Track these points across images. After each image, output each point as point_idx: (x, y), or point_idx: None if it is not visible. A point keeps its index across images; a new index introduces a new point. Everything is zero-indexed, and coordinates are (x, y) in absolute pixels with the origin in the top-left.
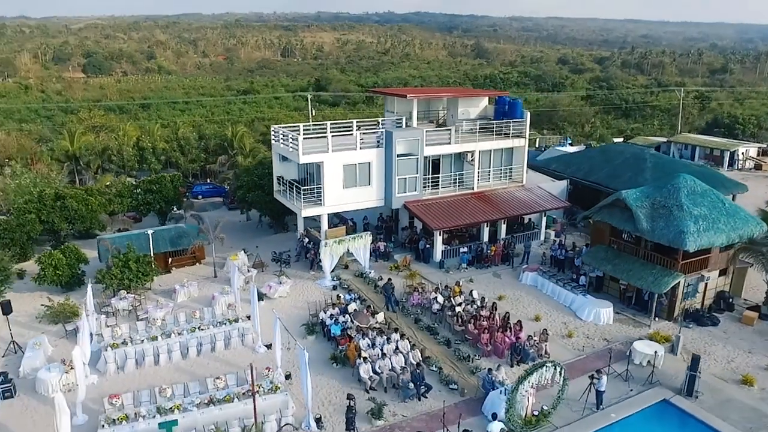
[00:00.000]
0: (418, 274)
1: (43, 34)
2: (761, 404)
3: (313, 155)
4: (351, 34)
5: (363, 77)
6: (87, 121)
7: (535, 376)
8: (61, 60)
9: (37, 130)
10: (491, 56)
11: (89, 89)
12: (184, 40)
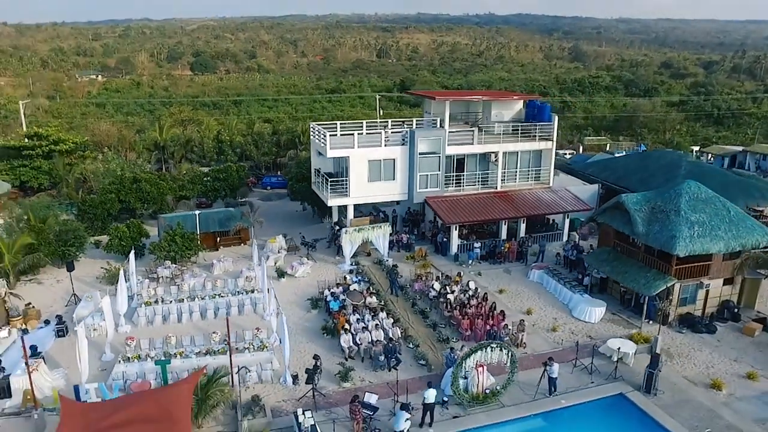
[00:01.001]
0: (432, 264)
1: (161, 34)
2: (720, 407)
3: (340, 150)
4: (447, 35)
5: (452, 79)
6: (176, 115)
7: (479, 354)
8: (173, 59)
9: (139, 122)
10: (588, 59)
11: (192, 86)
12: (286, 40)
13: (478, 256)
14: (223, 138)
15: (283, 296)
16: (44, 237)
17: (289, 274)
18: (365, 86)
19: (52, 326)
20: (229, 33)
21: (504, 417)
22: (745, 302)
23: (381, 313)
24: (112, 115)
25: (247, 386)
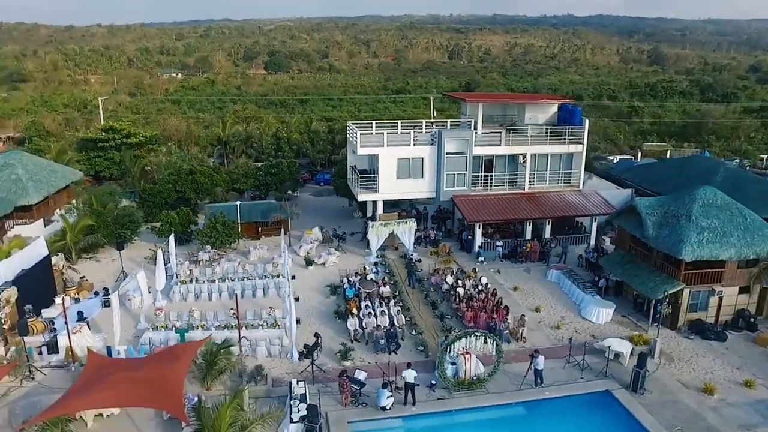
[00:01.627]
0: (453, 260)
1: (239, 34)
2: (706, 411)
3: (370, 148)
4: (522, 37)
5: (522, 81)
6: (239, 113)
7: (463, 341)
8: (249, 58)
9: (208, 119)
10: (667, 62)
11: (264, 84)
12: (359, 41)
13: (500, 254)
14: (281, 135)
15: (308, 283)
16: (103, 220)
17: (316, 263)
18: (432, 87)
19: (100, 298)
20: (305, 33)
21: (486, 402)
22: (766, 312)
23: (392, 302)
24: (185, 111)
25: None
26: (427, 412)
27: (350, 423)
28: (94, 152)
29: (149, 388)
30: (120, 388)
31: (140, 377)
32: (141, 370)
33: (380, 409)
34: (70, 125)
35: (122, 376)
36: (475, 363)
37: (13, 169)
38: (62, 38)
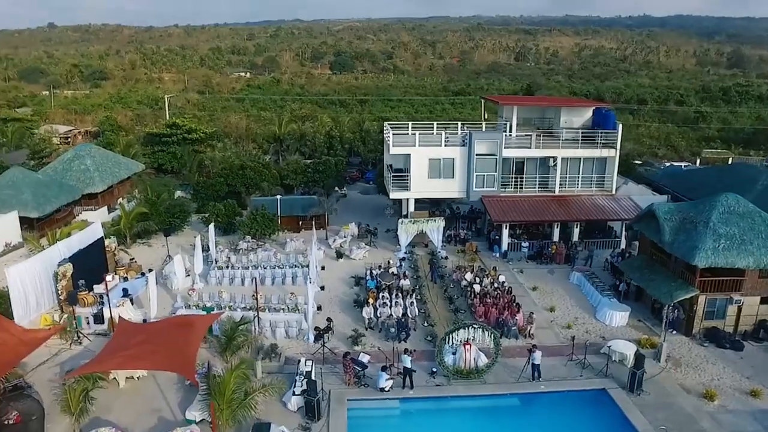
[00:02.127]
0: (479, 259)
1: (308, 35)
2: (702, 415)
3: (402, 148)
4: (593, 39)
5: (588, 85)
6: (296, 111)
7: (462, 332)
8: (316, 58)
9: (268, 117)
10: (749, 65)
11: (327, 84)
12: (426, 42)
13: (526, 255)
14: (333, 134)
15: (336, 274)
16: (156, 209)
17: (347, 256)
18: (493, 90)
19: (145, 278)
20: (372, 34)
21: (481, 391)
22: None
23: (410, 295)
24: (248, 109)
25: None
26: (423, 396)
27: (350, 401)
28: (158, 146)
29: (167, 353)
30: (141, 353)
31: (160, 343)
32: (161, 337)
33: (379, 391)
34: (141, 121)
35: (144, 342)
36: (476, 354)
37: (82, 161)
38: (142, 38)
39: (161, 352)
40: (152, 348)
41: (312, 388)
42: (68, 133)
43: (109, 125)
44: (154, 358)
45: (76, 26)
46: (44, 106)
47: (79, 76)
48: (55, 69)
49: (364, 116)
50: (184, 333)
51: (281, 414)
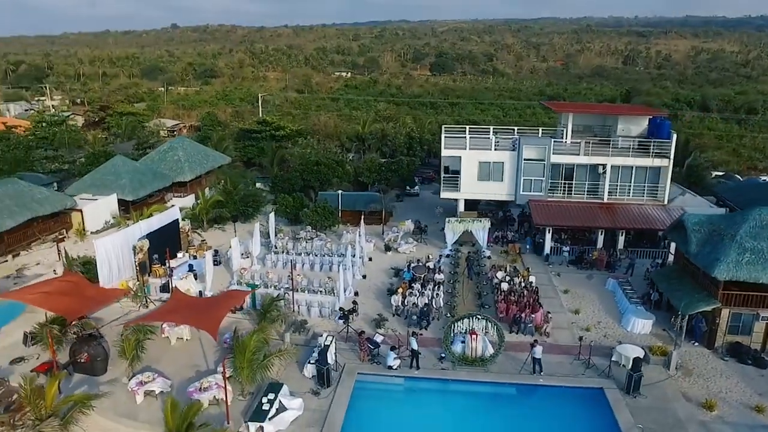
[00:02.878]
0: (520, 260)
1: (412, 36)
2: (693, 423)
3: (453, 150)
4: (713, 42)
5: (696, 91)
6: (382, 112)
7: (465, 322)
8: (417, 59)
9: (359, 116)
10: None
11: (424, 86)
12: (530, 44)
13: (567, 259)
14: (413, 135)
15: (381, 265)
16: (231, 198)
17: (394, 250)
18: (591, 95)
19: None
20: (476, 35)
21: (481, 378)
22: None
23: (440, 288)
24: (341, 108)
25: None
26: (426, 376)
27: (359, 374)
28: (248, 141)
29: (199, 314)
30: (180, 312)
31: (196, 307)
32: (198, 305)
33: (387, 368)
34: (239, 117)
35: (185, 307)
36: (482, 343)
37: (175, 152)
38: (254, 38)
39: (194, 314)
40: (189, 311)
41: (323, 359)
42: (174, 127)
43: (209, 120)
44: (187, 316)
45: (196, 27)
46: (158, 102)
47: (193, 74)
48: (173, 67)
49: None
50: (216, 303)
51: (298, 379)
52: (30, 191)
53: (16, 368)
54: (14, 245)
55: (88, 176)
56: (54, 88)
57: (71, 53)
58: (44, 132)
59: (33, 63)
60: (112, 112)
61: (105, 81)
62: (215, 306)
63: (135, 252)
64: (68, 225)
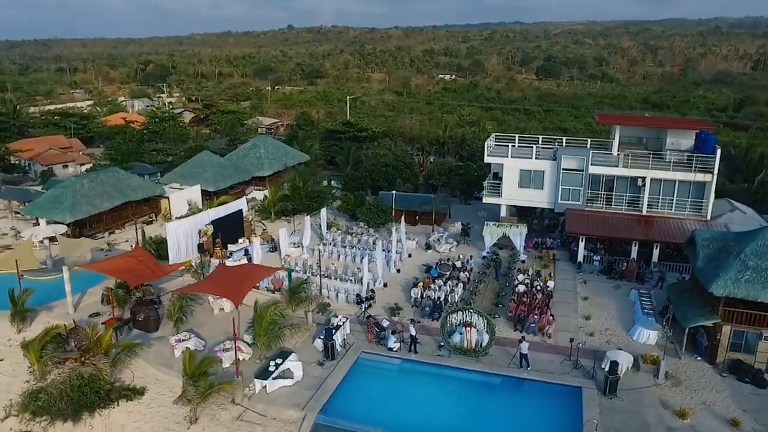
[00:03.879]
0: (551, 265)
1: (523, 38)
2: (659, 427)
3: (496, 158)
4: None
5: None
6: (465, 117)
7: (459, 314)
8: (525, 63)
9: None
10: None
11: (524, 90)
12: (648, 47)
13: (597, 268)
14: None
15: (417, 261)
16: (297, 193)
17: (434, 249)
18: (702, 104)
19: (268, 245)
20: (590, 38)
21: (471, 367)
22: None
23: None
24: (432, 112)
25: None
26: (421, 360)
27: (363, 352)
28: (332, 141)
29: (228, 286)
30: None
31: (229, 280)
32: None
33: (388, 349)
34: (332, 117)
35: (222, 280)
36: (476, 336)
37: (257, 149)
38: (365, 39)
39: (225, 285)
40: (222, 283)
41: (329, 335)
42: (272, 125)
43: (303, 120)
44: (218, 287)
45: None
46: (262, 101)
47: (300, 74)
48: (283, 67)
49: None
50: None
51: (309, 350)
52: (127, 179)
53: (93, 320)
54: (111, 224)
55: (179, 168)
56: (174, 86)
57: (195, 53)
58: (156, 126)
59: (159, 62)
60: (215, 110)
61: (219, 80)
62: (244, 281)
63: (200, 235)
64: (157, 210)
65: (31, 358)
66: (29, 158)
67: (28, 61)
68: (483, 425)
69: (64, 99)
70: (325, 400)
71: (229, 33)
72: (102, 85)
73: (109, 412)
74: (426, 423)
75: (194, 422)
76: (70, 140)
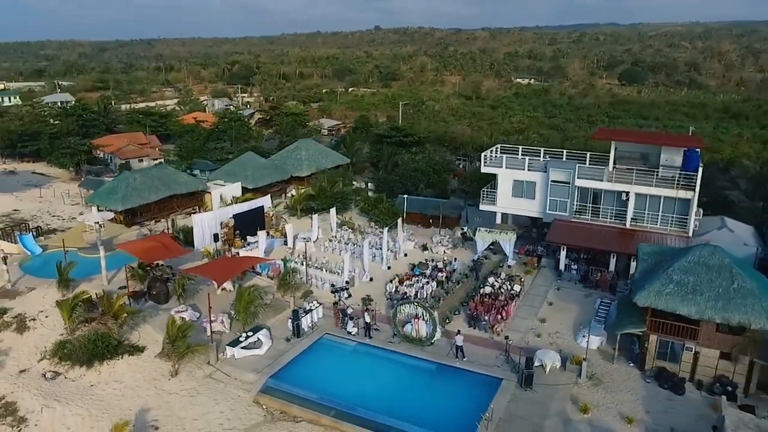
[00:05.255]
0: (533, 272)
1: (613, 41)
2: (554, 417)
3: (492, 168)
4: None
5: None
6: (515, 124)
7: (407, 307)
8: (611, 66)
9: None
10: None
11: (599, 96)
12: (750, 51)
13: (575, 277)
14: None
15: (410, 260)
16: (322, 193)
17: (430, 250)
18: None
19: (282, 239)
20: (687, 41)
21: (413, 353)
22: (753, 388)
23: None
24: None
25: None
26: (373, 344)
27: (326, 334)
28: (379, 145)
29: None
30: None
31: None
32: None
33: (347, 333)
34: (392, 120)
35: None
36: (423, 327)
37: (299, 152)
38: (450, 41)
39: (215, 270)
40: (214, 267)
41: (296, 316)
42: (334, 127)
43: (362, 122)
44: (209, 270)
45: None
46: (331, 103)
47: (378, 76)
48: (361, 68)
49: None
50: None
51: (283, 329)
52: (174, 175)
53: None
54: (157, 214)
55: (226, 166)
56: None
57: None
58: (225, 126)
59: (245, 63)
60: (279, 112)
61: (298, 81)
62: (231, 267)
63: (222, 226)
64: (201, 203)
65: (64, 316)
66: (110, 152)
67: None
68: (407, 403)
69: (155, 97)
70: (279, 368)
71: (318, 33)
72: (192, 84)
73: (114, 362)
74: (359, 397)
75: (174, 376)
76: (148, 137)
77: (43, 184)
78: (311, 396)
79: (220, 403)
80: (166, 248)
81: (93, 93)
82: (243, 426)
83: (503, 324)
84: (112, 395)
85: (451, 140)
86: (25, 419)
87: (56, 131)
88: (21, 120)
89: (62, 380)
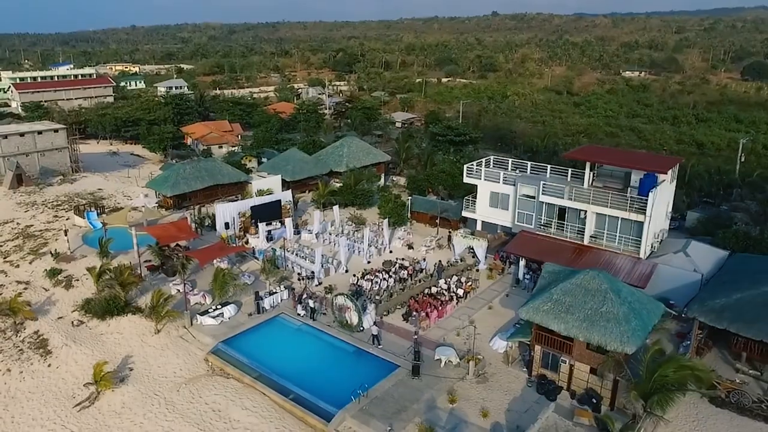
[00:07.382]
0: (495, 276)
1: (754, 28)
2: (422, 405)
3: (472, 179)
4: None
5: None
6: (575, 126)
7: (341, 299)
8: (740, 59)
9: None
10: None
11: (706, 94)
12: None
13: (529, 286)
14: None
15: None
16: (346, 190)
17: (413, 249)
18: None
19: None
20: None
21: (340, 336)
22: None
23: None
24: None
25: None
26: (313, 325)
27: (282, 313)
28: (433, 143)
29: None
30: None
31: (209, 251)
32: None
33: (297, 314)
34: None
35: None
36: (354, 315)
37: (341, 148)
38: (568, 28)
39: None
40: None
41: (257, 296)
42: (407, 120)
43: (431, 117)
44: (198, 253)
45: (514, 14)
46: (416, 95)
47: (477, 66)
48: (464, 56)
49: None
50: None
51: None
52: (219, 167)
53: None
54: (202, 200)
55: (272, 160)
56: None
57: (398, 38)
58: (302, 117)
59: (349, 50)
60: (353, 106)
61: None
62: (215, 253)
63: (239, 216)
64: (244, 192)
65: (93, 278)
66: (196, 139)
67: (254, 44)
68: (316, 375)
69: (260, 82)
70: (230, 335)
71: (435, 18)
72: (299, 69)
73: (120, 319)
74: (282, 366)
75: (157, 333)
76: (232, 125)
77: (137, 164)
78: (245, 360)
79: (180, 357)
80: (180, 231)
81: (208, 77)
82: (189, 375)
83: (428, 321)
84: (112, 342)
85: (512, 140)
86: (51, 352)
87: (153, 118)
88: (131, 107)
89: (83, 327)
